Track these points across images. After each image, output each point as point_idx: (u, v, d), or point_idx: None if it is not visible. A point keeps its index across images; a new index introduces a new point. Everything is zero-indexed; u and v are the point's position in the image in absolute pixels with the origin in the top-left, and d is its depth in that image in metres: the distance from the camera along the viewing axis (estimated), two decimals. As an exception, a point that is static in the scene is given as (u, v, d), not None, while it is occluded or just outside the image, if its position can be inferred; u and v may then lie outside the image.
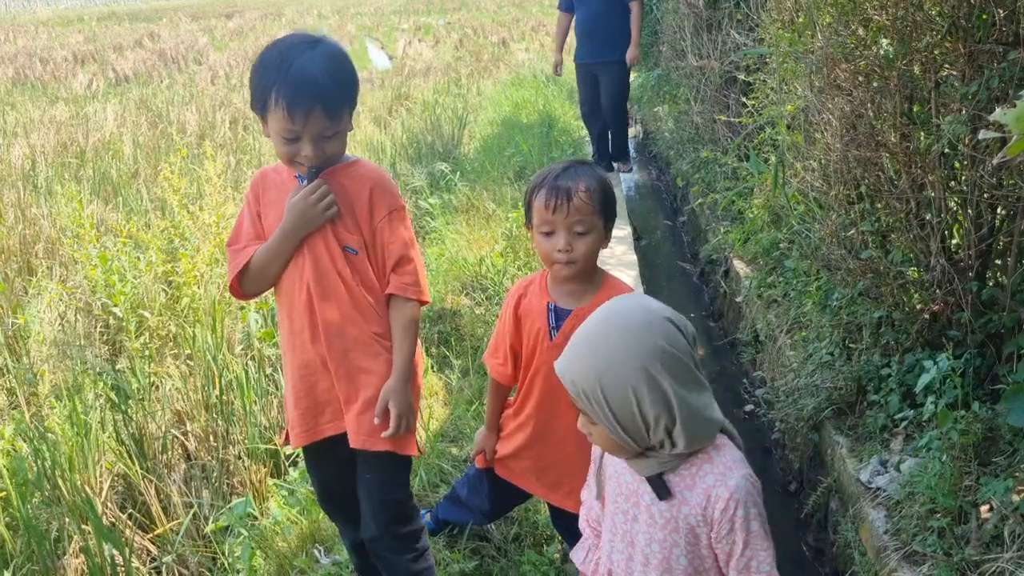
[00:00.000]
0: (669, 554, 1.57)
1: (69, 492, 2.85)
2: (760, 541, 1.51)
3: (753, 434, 3.85)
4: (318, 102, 1.93)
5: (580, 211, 2.01)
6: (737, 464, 1.52)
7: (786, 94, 4.04)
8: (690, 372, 1.47)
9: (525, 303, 2.21)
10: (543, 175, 2.10)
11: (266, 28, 22.98)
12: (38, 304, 4.30)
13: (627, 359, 1.44)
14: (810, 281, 3.71)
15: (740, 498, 1.48)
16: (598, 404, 1.45)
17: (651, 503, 1.56)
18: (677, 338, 1.47)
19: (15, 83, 13.64)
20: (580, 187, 2.02)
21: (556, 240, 2.04)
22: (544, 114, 8.69)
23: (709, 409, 1.51)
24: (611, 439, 1.49)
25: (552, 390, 2.18)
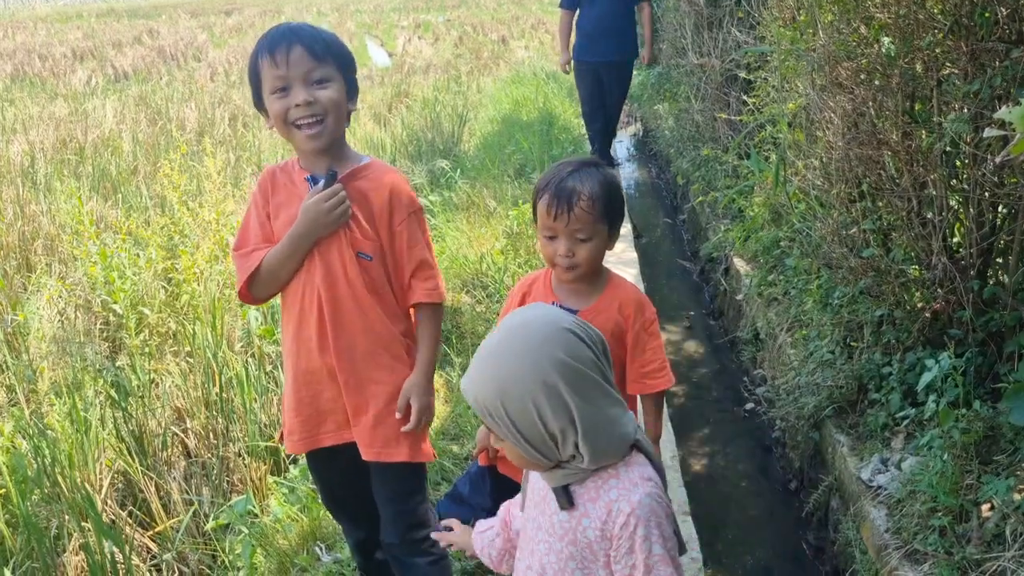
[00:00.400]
0: (564, 567, 1.52)
1: (69, 489, 2.85)
2: (663, 567, 1.43)
3: (753, 432, 3.85)
4: (297, 39, 1.95)
5: (581, 219, 1.99)
6: (644, 481, 1.46)
7: (787, 92, 4.04)
8: (596, 385, 1.43)
9: (529, 302, 2.18)
10: (548, 177, 2.07)
11: (265, 24, 22.93)
12: (37, 301, 4.30)
13: (526, 373, 1.39)
14: (811, 279, 3.71)
15: (641, 515, 1.42)
16: (502, 421, 1.41)
17: (555, 512, 1.51)
18: (580, 350, 1.42)
19: (14, 79, 13.62)
20: (583, 195, 1.99)
21: (558, 245, 2.02)
22: (544, 112, 8.68)
23: (618, 424, 1.45)
24: (521, 455, 1.44)
25: None
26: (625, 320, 2.11)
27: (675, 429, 3.70)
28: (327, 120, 1.99)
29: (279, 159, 7.22)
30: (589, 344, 1.44)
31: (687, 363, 4.54)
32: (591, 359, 1.43)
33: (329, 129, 2.01)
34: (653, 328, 2.15)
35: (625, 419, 1.47)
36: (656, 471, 1.51)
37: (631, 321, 2.11)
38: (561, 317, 1.47)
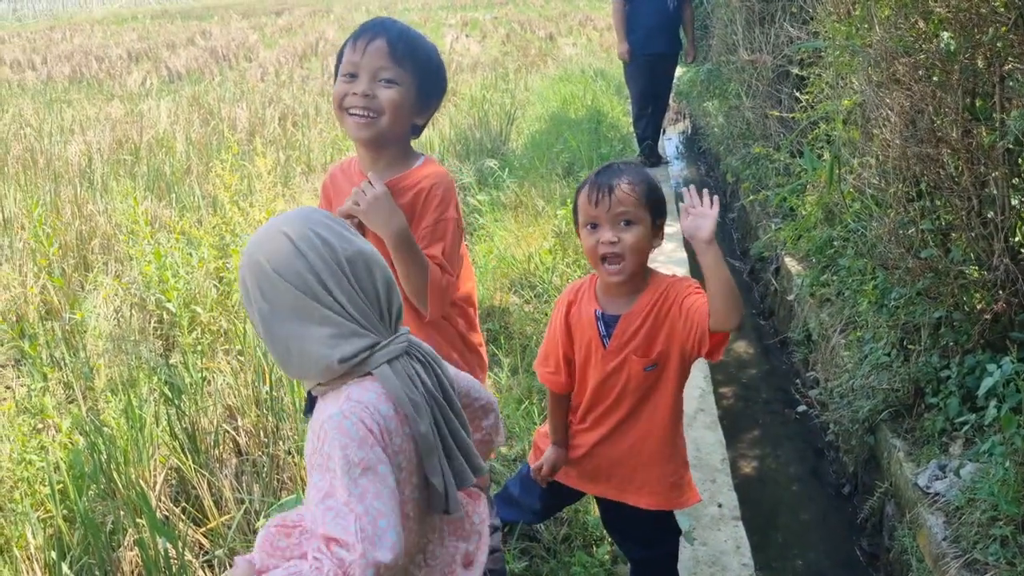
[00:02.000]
0: (310, 480, 1.44)
1: (124, 486, 2.89)
2: (323, 474, 1.36)
3: (805, 435, 3.79)
4: (383, 33, 1.98)
5: (623, 202, 1.98)
6: (351, 398, 1.40)
7: (842, 89, 3.96)
8: (293, 299, 1.39)
9: (575, 311, 2.18)
10: (588, 177, 2.10)
11: (315, 24, 23.18)
12: (94, 300, 4.38)
13: (243, 263, 1.43)
14: (866, 280, 3.63)
15: (328, 428, 1.37)
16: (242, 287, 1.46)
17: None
18: (288, 261, 1.39)
19: (72, 81, 13.93)
20: (623, 180, 2.00)
21: (601, 233, 2.01)
22: (592, 109, 8.64)
23: (311, 344, 1.40)
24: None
25: (614, 398, 2.16)
26: (669, 300, 2.05)
27: (725, 431, 3.66)
28: (381, 119, 1.99)
29: (329, 158, 7.31)
30: (309, 259, 1.39)
31: (736, 363, 4.48)
32: (299, 273, 1.39)
33: (381, 128, 2.00)
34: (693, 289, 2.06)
35: (331, 343, 1.40)
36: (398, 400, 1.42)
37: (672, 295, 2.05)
38: (296, 217, 1.45)
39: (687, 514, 2.85)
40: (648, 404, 2.16)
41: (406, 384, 1.44)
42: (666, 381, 2.15)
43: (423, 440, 1.44)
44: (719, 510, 2.97)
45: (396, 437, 1.42)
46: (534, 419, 3.27)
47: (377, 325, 1.45)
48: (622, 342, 2.10)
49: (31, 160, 7.45)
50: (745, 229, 6.11)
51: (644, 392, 2.15)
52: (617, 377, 2.14)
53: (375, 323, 1.45)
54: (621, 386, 2.14)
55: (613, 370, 2.13)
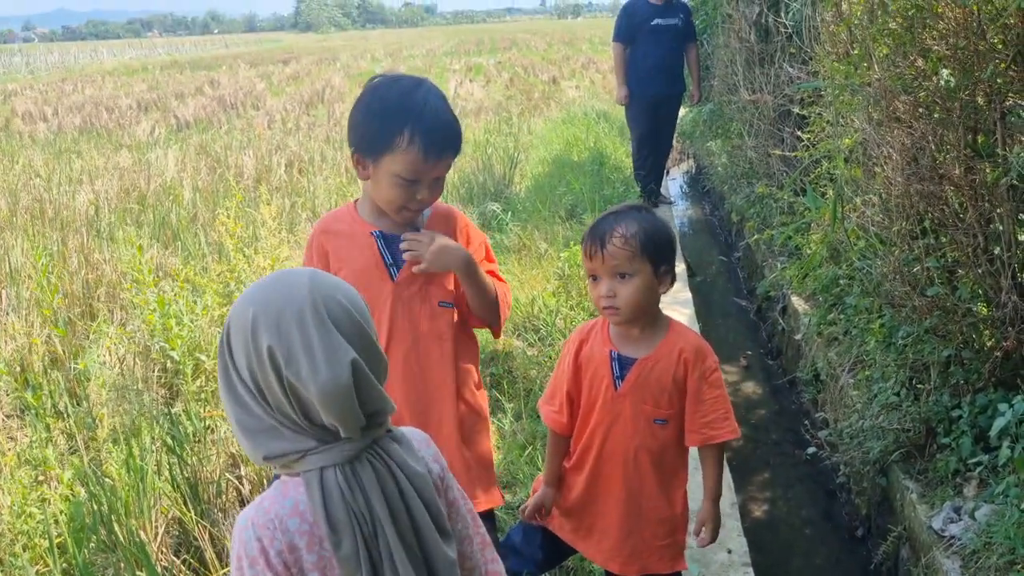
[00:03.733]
0: None
1: (125, 538, 2.86)
2: None
3: (816, 477, 3.73)
4: (450, 144, 1.94)
5: (615, 256, 1.96)
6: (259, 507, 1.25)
7: (843, 127, 3.96)
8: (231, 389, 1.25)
9: (587, 351, 2.14)
10: (595, 223, 2.08)
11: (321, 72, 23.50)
12: (98, 349, 4.37)
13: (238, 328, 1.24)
14: (872, 318, 3.60)
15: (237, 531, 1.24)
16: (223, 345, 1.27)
17: None
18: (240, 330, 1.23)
19: (82, 131, 14.09)
20: (616, 232, 1.97)
21: (600, 285, 2.01)
22: (595, 151, 8.68)
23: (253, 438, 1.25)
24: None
25: (614, 444, 2.12)
26: (684, 368, 2.06)
27: (733, 473, 3.60)
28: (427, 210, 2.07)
29: (334, 203, 7.33)
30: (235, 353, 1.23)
31: (745, 404, 4.43)
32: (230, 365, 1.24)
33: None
34: (715, 377, 2.08)
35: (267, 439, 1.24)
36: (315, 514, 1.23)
37: (691, 368, 2.06)
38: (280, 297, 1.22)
39: (695, 560, 2.80)
40: (649, 456, 2.12)
41: (331, 498, 1.24)
42: (671, 440, 2.12)
43: (343, 563, 1.25)
44: (728, 556, 2.91)
45: (308, 554, 1.25)
46: (537, 465, 3.22)
47: (307, 428, 1.25)
48: (635, 386, 2.07)
49: (39, 211, 7.50)
50: (751, 268, 6.09)
51: (646, 443, 2.11)
52: (623, 422, 2.10)
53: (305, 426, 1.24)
54: (625, 432, 2.10)
55: (620, 413, 2.09)
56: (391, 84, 1.95)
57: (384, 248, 2.04)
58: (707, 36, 8.40)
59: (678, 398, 2.08)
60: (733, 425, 2.09)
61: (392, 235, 2.03)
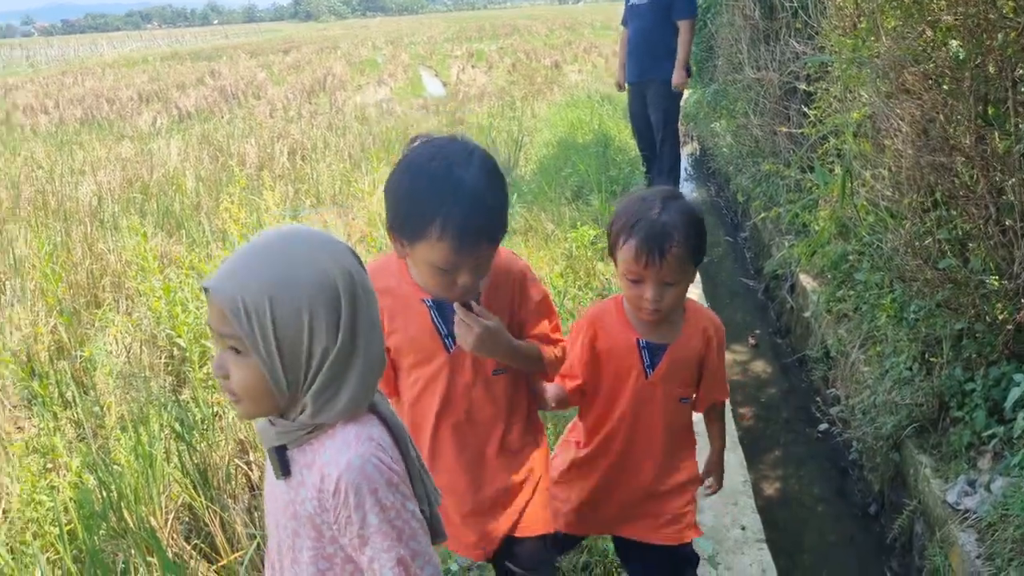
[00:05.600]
0: (292, 544, 1.32)
1: (135, 524, 2.85)
2: (381, 540, 1.24)
3: (828, 454, 3.71)
4: (488, 234, 1.71)
5: (671, 267, 1.91)
6: (359, 441, 1.25)
7: (850, 102, 3.92)
8: (372, 322, 1.28)
9: (605, 340, 2.09)
10: (631, 215, 1.94)
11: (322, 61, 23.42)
12: (104, 337, 4.36)
13: (309, 275, 1.21)
14: (883, 293, 3.56)
15: (350, 480, 1.22)
16: (260, 326, 1.19)
17: (274, 483, 1.32)
18: (364, 275, 1.27)
19: (83, 123, 14.07)
20: (674, 240, 1.89)
21: (644, 290, 1.95)
22: (600, 134, 8.63)
23: (372, 375, 1.29)
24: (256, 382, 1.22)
25: (642, 429, 2.13)
26: (707, 344, 2.10)
27: (746, 451, 3.58)
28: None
29: (338, 190, 7.32)
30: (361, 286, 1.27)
31: (755, 383, 4.41)
32: (371, 290, 1.28)
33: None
34: (723, 345, 2.15)
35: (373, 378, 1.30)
36: (392, 432, 1.32)
37: (711, 343, 2.10)
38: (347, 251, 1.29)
39: (710, 538, 2.78)
40: (672, 433, 2.16)
41: (396, 423, 1.35)
42: (688, 412, 2.19)
43: (413, 464, 1.35)
44: (742, 533, 2.90)
45: (398, 466, 1.32)
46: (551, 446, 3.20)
47: None
48: (668, 371, 2.07)
49: (42, 202, 7.49)
50: (758, 248, 6.06)
51: (673, 422, 2.14)
52: (653, 406, 2.10)
53: None
54: (654, 416, 2.11)
55: (650, 399, 2.09)
56: (429, 159, 1.69)
57: (438, 319, 1.88)
58: (711, 15, 8.32)
59: (699, 373, 2.13)
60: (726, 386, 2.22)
61: (446, 304, 1.85)
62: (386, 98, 14.58)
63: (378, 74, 19.37)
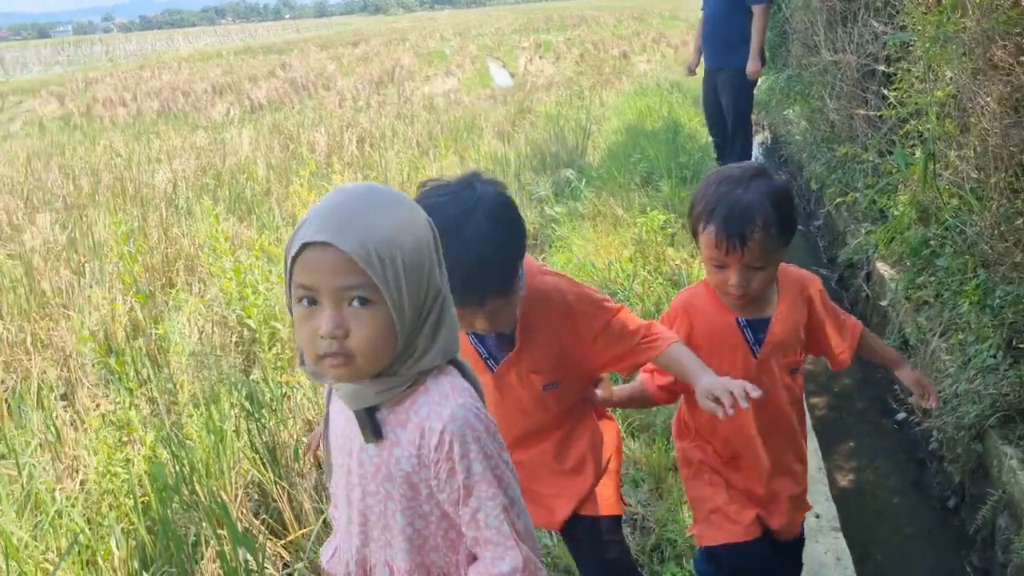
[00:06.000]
0: (384, 509, 1.33)
1: (206, 497, 2.90)
2: (486, 487, 1.26)
3: (904, 445, 3.59)
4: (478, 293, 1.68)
5: (755, 252, 1.81)
6: (456, 392, 1.28)
7: (933, 82, 3.77)
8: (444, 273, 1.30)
9: (702, 325, 1.99)
10: (711, 198, 1.85)
11: (391, 52, 23.62)
12: (178, 317, 4.46)
13: (418, 221, 1.25)
14: (966, 279, 3.43)
15: (455, 430, 1.24)
16: (393, 269, 1.19)
17: (361, 449, 1.32)
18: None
19: (160, 115, 14.44)
20: (756, 224, 1.78)
21: (728, 275, 1.86)
22: (669, 121, 8.52)
23: (453, 318, 1.31)
24: (382, 332, 1.21)
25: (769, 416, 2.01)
26: (809, 305, 2.01)
27: (820, 441, 3.49)
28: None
29: (406, 178, 7.35)
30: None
31: (828, 373, 4.28)
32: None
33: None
34: (824, 293, 2.07)
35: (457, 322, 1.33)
36: (472, 385, 1.33)
37: (815, 303, 2.02)
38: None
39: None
40: (796, 408, 2.07)
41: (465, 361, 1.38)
42: (800, 385, 2.07)
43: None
44: (817, 521, 2.82)
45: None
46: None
47: None
48: (776, 345, 1.97)
49: (120, 188, 7.70)
50: (832, 236, 5.90)
51: (793, 396, 2.05)
52: (771, 388, 1.96)
53: None
54: (776, 398, 2.00)
55: (765, 379, 1.95)
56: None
57: (478, 344, 1.92)
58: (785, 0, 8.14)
59: (803, 336, 2.02)
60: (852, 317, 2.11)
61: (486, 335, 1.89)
62: (453, 88, 14.63)
63: (446, 65, 19.45)
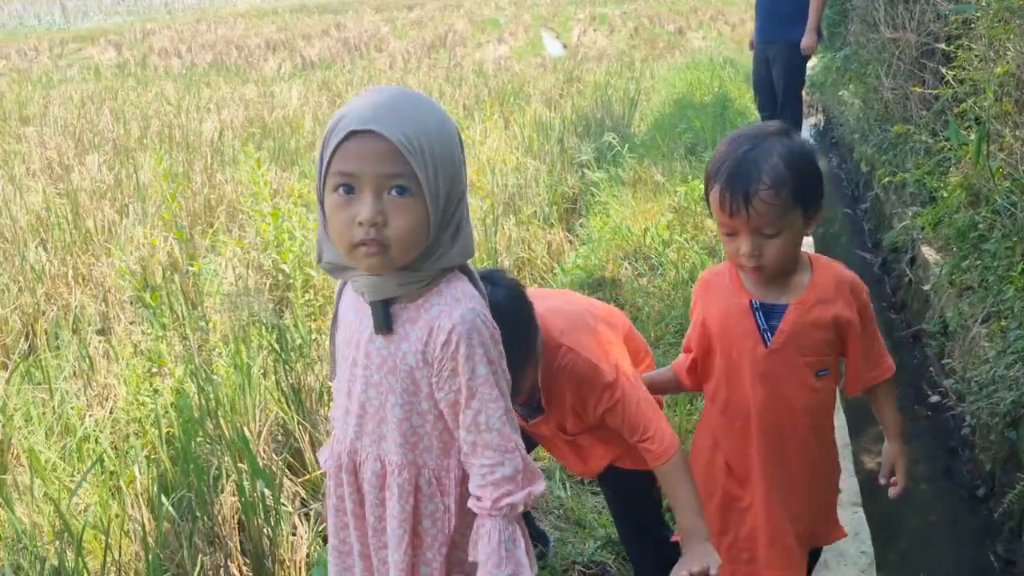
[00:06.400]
0: (383, 401, 1.37)
1: (230, 432, 2.92)
2: (488, 390, 1.30)
3: (935, 433, 3.52)
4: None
5: (764, 214, 1.61)
6: (467, 297, 1.33)
7: (993, 61, 3.65)
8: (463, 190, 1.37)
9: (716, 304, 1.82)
10: (720, 158, 1.68)
11: (445, 18, 23.53)
12: (215, 260, 4.50)
13: (445, 120, 1.31)
14: (1014, 264, 3.33)
15: (463, 331, 1.29)
16: (432, 161, 1.24)
17: (369, 340, 1.36)
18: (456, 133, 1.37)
19: (212, 67, 14.54)
20: (762, 183, 1.59)
21: (740, 243, 1.66)
22: (720, 95, 8.38)
23: (470, 221, 1.37)
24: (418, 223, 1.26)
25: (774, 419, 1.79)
26: (847, 305, 1.74)
27: (848, 422, 3.43)
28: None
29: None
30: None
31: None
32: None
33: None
34: (871, 310, 1.82)
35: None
36: (481, 289, 1.39)
37: (853, 303, 1.75)
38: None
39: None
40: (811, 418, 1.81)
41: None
42: (829, 390, 1.82)
43: None
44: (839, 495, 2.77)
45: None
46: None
47: None
48: (792, 336, 1.74)
49: (168, 134, 7.78)
50: (878, 219, 5.78)
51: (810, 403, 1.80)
52: (781, 386, 1.77)
53: None
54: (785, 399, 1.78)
55: (774, 376, 1.76)
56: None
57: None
58: (849, -23, 7.94)
59: (838, 341, 1.77)
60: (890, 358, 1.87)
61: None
62: (505, 56, 14.53)
63: (499, 33, 19.32)
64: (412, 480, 1.39)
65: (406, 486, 1.39)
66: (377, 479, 1.42)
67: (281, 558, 2.53)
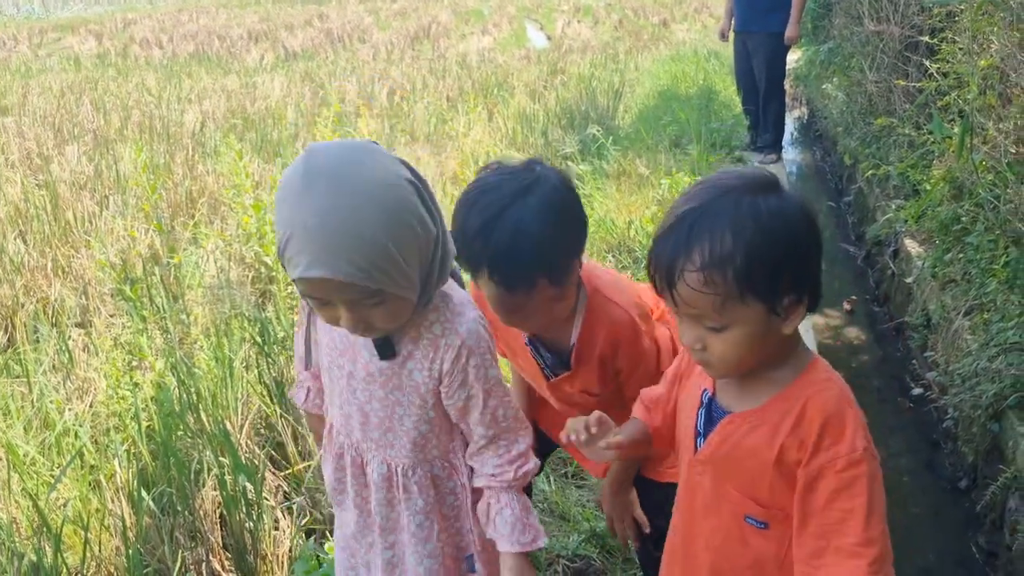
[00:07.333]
0: (390, 414, 1.43)
1: (211, 426, 2.90)
2: (500, 388, 1.39)
3: (918, 425, 3.53)
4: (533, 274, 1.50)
5: (691, 303, 1.17)
6: (463, 303, 1.38)
7: (977, 54, 3.66)
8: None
9: (688, 381, 1.42)
10: (666, 214, 1.23)
11: (428, 9, 23.43)
12: (196, 251, 4.46)
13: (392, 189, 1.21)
14: (996, 257, 3.34)
15: (472, 345, 1.35)
16: (394, 265, 1.20)
17: (370, 360, 1.39)
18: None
19: (194, 57, 14.42)
20: (691, 261, 1.14)
21: (682, 331, 1.24)
22: (704, 87, 8.38)
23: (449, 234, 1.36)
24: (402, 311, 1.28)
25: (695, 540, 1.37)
26: (800, 444, 1.20)
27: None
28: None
29: (433, 129, 7.30)
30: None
31: (847, 349, 4.23)
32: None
33: None
34: (850, 475, 1.19)
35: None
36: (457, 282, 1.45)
37: (809, 447, 1.19)
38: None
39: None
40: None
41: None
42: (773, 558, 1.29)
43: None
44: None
45: None
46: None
47: None
48: (717, 454, 1.30)
49: (148, 125, 7.70)
50: (861, 212, 5.79)
51: (734, 553, 1.32)
52: (705, 506, 1.34)
53: None
54: (708, 525, 1.34)
55: (699, 490, 1.35)
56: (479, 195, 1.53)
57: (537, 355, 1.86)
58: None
59: (786, 491, 1.24)
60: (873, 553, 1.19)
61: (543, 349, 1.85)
62: (488, 47, 14.48)
63: (483, 24, 19.27)
64: (427, 474, 1.48)
65: (423, 480, 1.47)
66: (384, 481, 1.49)
67: (263, 552, 2.51)
